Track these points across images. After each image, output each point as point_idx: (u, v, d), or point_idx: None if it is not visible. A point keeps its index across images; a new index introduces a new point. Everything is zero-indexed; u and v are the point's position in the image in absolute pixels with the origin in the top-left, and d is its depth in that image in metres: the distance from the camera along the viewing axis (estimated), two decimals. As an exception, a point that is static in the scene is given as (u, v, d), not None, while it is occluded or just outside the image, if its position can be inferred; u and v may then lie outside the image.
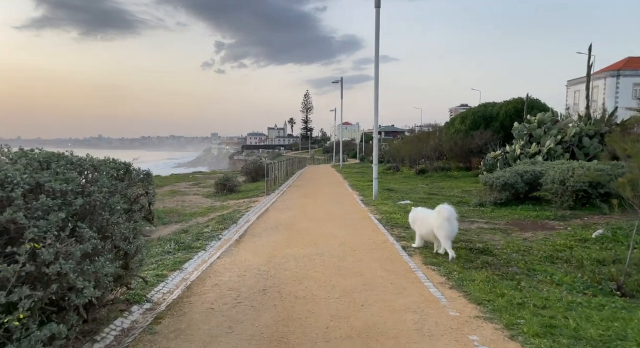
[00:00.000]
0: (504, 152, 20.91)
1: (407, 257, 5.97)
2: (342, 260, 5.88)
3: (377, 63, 12.86)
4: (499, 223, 9.79)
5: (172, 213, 12.82)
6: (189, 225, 10.33)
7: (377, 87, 13.01)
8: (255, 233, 8.09)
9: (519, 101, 30.87)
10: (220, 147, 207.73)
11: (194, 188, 21.63)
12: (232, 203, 14.79)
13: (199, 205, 14.65)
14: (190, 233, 8.38)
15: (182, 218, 11.63)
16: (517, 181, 12.13)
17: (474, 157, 27.56)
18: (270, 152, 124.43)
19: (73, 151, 3.42)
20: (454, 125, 34.05)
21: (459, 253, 6.28)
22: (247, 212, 11.35)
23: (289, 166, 30.68)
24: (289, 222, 9.37)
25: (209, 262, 5.82)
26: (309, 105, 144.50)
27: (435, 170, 26.14)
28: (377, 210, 10.83)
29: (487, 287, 4.44)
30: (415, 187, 19.75)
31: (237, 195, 17.03)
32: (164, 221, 11.24)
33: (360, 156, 64.99)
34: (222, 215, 10.93)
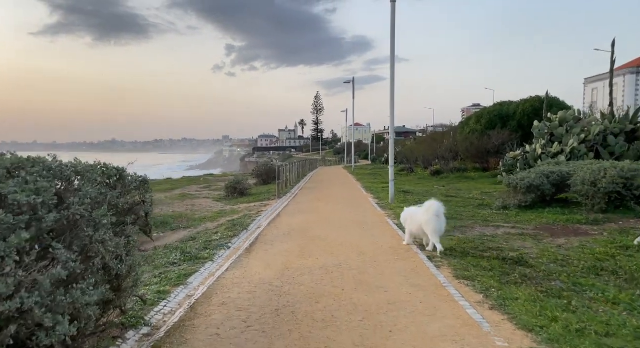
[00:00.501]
0: (524, 152, 20.12)
1: (435, 269, 5.39)
2: (362, 272, 5.33)
3: (393, 60, 12.29)
4: (527, 228, 9.13)
5: (181, 219, 12.39)
6: (198, 231, 9.87)
7: (393, 85, 12.44)
8: (267, 240, 7.58)
9: (537, 99, 29.98)
10: (232, 150, 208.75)
11: (204, 192, 21.24)
12: (242, 207, 14.32)
13: (208, 210, 14.22)
14: (198, 241, 7.91)
15: (191, 224, 11.18)
16: (543, 183, 11.44)
17: (491, 157, 26.77)
18: (281, 154, 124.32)
19: (56, 155, 2.94)
20: (468, 124, 33.25)
21: (491, 263, 5.69)
22: (258, 216, 10.85)
23: (300, 168, 30.20)
24: (302, 228, 8.84)
25: (216, 275, 5.32)
26: (319, 107, 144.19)
27: (451, 171, 25.40)
28: (395, 215, 10.24)
29: (534, 307, 3.85)
30: (431, 189, 19.08)
31: (247, 198, 16.57)
32: (172, 227, 10.81)
33: (371, 157, 64.24)
34: (232, 221, 10.45)
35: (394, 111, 12.52)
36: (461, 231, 8.60)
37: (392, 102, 12.48)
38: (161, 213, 13.38)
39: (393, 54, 12.20)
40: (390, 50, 12.18)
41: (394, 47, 12.15)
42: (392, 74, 12.38)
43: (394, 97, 12.48)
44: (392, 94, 12.45)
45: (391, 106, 12.56)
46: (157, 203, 16.17)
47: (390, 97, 12.51)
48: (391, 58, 12.30)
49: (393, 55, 12.20)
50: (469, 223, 9.55)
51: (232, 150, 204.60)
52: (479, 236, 8.05)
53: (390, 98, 12.51)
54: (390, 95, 12.51)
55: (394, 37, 12.13)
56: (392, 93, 12.47)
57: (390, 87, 12.46)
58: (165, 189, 23.09)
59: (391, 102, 12.53)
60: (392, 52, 12.19)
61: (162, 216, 12.68)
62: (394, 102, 12.50)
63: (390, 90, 12.50)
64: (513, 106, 31.40)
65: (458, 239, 7.46)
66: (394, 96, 12.47)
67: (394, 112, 12.54)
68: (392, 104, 12.50)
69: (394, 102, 12.51)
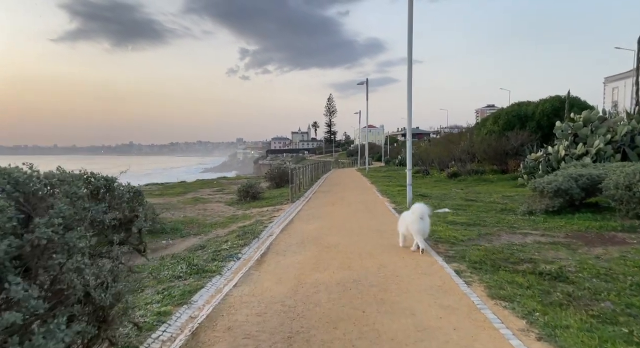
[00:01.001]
0: (546, 153, 19.31)
1: (465, 286, 4.84)
2: (384, 289, 4.81)
3: (411, 59, 11.74)
4: (558, 236, 8.49)
5: (192, 224, 12.01)
6: (208, 238, 9.45)
7: (410, 85, 11.88)
8: (279, 250, 7.10)
9: (557, 99, 29.01)
10: (246, 152, 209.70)
11: (217, 195, 20.92)
12: (255, 212, 13.90)
13: (220, 215, 13.83)
14: (207, 250, 7.47)
15: (201, 230, 10.78)
16: (571, 186, 10.74)
17: (510, 159, 25.92)
18: (294, 156, 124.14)
19: (32, 164, 2.49)
20: (485, 125, 32.40)
21: (527, 278, 5.12)
22: (271, 222, 10.39)
23: (313, 171, 29.72)
24: (316, 236, 8.35)
25: (224, 291, 4.85)
26: (332, 109, 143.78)
27: (469, 173, 24.64)
28: (415, 221, 9.67)
29: (591, 340, 3.28)
30: (449, 192, 18.41)
31: (260, 202, 16.15)
32: (183, 233, 10.41)
33: (385, 159, 63.45)
34: (243, 227, 10.02)
35: (411, 112, 11.96)
36: (487, 239, 8.00)
37: (410, 102, 11.93)
38: (172, 219, 13.03)
39: (410, 53, 11.65)
40: (407, 48, 11.64)
41: (411, 45, 11.60)
42: (409, 73, 11.83)
43: (411, 98, 11.92)
44: (410, 94, 11.89)
45: (408, 107, 12.00)
46: (168, 208, 15.86)
47: (408, 97, 11.95)
48: (408, 58, 11.76)
49: (410, 53, 11.65)
50: (494, 230, 8.94)
51: (246, 153, 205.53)
52: (507, 245, 7.45)
53: (408, 98, 11.95)
54: (407, 95, 11.95)
55: (411, 33, 11.58)
56: (409, 93, 11.92)
57: (408, 87, 11.91)
58: (178, 193, 22.85)
59: (408, 103, 11.97)
60: (409, 51, 11.65)
61: (172, 221, 12.33)
62: (412, 103, 11.93)
63: (407, 91, 11.95)
64: (532, 106, 30.51)
65: (485, 249, 6.88)
66: (411, 96, 11.91)
67: (412, 113, 11.98)
68: (410, 104, 11.94)
69: (411, 102, 11.94)
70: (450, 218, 10.27)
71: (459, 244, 7.35)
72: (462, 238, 7.90)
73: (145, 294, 4.88)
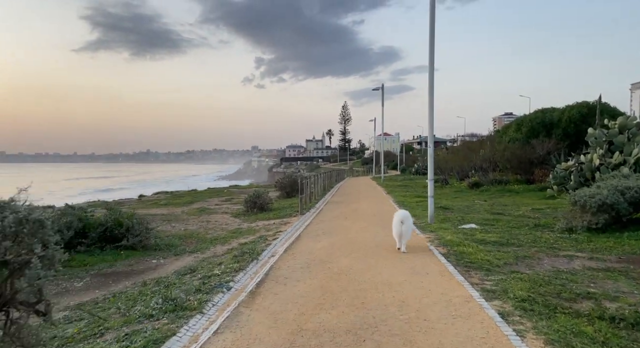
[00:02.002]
0: (578, 162, 17.84)
1: (519, 341, 3.64)
2: (409, 341, 3.65)
3: (432, 64, 10.60)
4: (609, 260, 7.19)
5: (191, 239, 11.00)
6: (204, 257, 8.40)
7: (432, 90, 10.72)
8: (279, 277, 5.99)
9: (584, 105, 27.44)
10: (260, 160, 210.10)
11: (224, 205, 19.96)
12: (260, 225, 12.84)
13: (223, 228, 12.80)
14: (196, 275, 6.40)
15: (199, 247, 9.74)
16: (618, 200, 9.41)
17: (536, 168, 24.42)
18: (309, 164, 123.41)
19: None
20: (507, 133, 30.94)
21: (596, 326, 3.91)
22: (275, 239, 9.29)
23: (326, 179, 28.61)
24: (325, 257, 7.21)
25: (200, 341, 3.76)
26: (347, 117, 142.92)
27: (491, 183, 23.20)
28: (439, 240, 8.46)
29: None
30: (471, 203, 17.08)
31: (267, 214, 15.09)
32: (177, 251, 9.39)
33: (401, 167, 61.96)
34: (243, 245, 8.95)
35: (432, 118, 10.77)
36: (527, 264, 6.76)
37: (431, 109, 10.75)
38: (171, 232, 12.06)
39: (432, 58, 10.51)
40: (428, 54, 10.51)
41: (432, 51, 10.46)
42: (430, 80, 10.68)
43: (433, 104, 10.75)
44: (431, 99, 10.73)
45: (430, 113, 10.83)
46: (170, 219, 14.93)
47: (429, 103, 10.79)
48: (430, 64, 10.62)
49: (432, 59, 10.51)
50: (532, 252, 7.68)
51: (261, 161, 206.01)
52: (553, 273, 6.20)
53: (429, 104, 10.79)
54: (428, 101, 10.80)
55: (433, 39, 10.46)
56: (430, 99, 10.76)
57: (429, 93, 10.76)
58: (185, 202, 21.99)
59: (430, 110, 10.80)
60: (430, 57, 10.51)
61: (170, 236, 11.35)
62: (433, 109, 10.76)
63: (428, 97, 10.80)
64: (557, 113, 28.98)
65: (529, 279, 5.64)
66: (433, 102, 10.73)
67: (433, 119, 10.80)
68: (431, 110, 10.77)
69: (433, 109, 10.77)
70: (479, 236, 9.03)
71: (496, 271, 6.13)
72: (498, 262, 6.68)
73: (104, 341, 3.82)
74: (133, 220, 9.22)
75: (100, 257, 8.36)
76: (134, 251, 9.02)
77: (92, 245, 8.74)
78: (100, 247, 8.88)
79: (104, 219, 9.01)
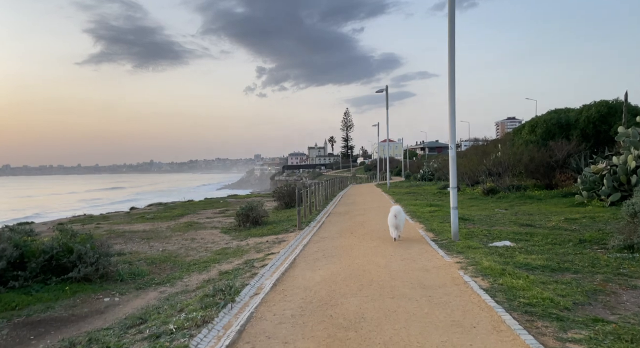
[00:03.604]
0: (610, 165, 15.94)
1: None
2: None
3: (453, 55, 8.81)
4: None
5: (165, 264, 9.15)
6: (170, 294, 6.55)
7: (453, 83, 8.88)
8: (258, 336, 4.13)
9: (604, 104, 25.55)
10: (263, 168, 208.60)
11: (215, 219, 18.12)
12: (251, 243, 10.99)
13: (208, 248, 10.95)
14: (145, 330, 4.55)
15: (171, 276, 7.90)
16: (690, 210, 7.54)
17: (555, 172, 22.51)
18: (311, 172, 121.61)
19: None
20: (520, 135, 29.09)
21: None
22: (264, 267, 7.41)
23: (328, 188, 26.75)
24: (325, 297, 5.35)
25: None
26: (349, 123, 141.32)
27: (508, 189, 21.28)
28: (474, 266, 6.55)
29: None
30: (491, 213, 15.17)
31: (261, 229, 13.24)
32: (143, 282, 7.54)
33: (405, 174, 59.99)
34: (224, 275, 7.10)
35: (454, 115, 8.93)
36: (604, 303, 4.88)
37: (452, 101, 8.92)
38: (145, 255, 10.22)
39: (453, 43, 8.72)
40: (448, 46, 8.74)
41: (453, 31, 8.68)
42: (451, 72, 8.89)
43: (454, 100, 8.91)
44: (452, 92, 8.89)
45: (451, 109, 9.00)
46: (151, 238, 13.11)
47: (450, 99, 8.97)
48: (450, 54, 8.84)
49: (453, 43, 8.72)
50: (599, 282, 5.79)
51: (264, 169, 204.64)
52: (650, 319, 4.33)
53: (450, 100, 8.97)
54: (449, 97, 8.98)
55: (454, 20, 8.68)
56: (451, 92, 8.93)
57: (450, 87, 8.96)
58: (174, 215, 20.16)
59: (450, 104, 8.98)
60: (450, 48, 8.72)
61: (142, 259, 9.51)
62: (455, 103, 8.93)
63: (449, 92, 8.99)
64: (574, 113, 27.16)
65: (627, 333, 3.76)
66: (454, 98, 8.90)
67: (455, 114, 8.95)
68: (453, 104, 8.93)
69: (455, 105, 8.93)
70: (520, 258, 7.13)
71: (571, 320, 4.24)
72: (565, 303, 4.78)
73: None
74: (87, 244, 7.39)
75: (38, 295, 6.52)
76: (86, 284, 7.18)
77: (33, 279, 6.91)
78: (44, 280, 7.05)
79: (49, 245, 7.18)
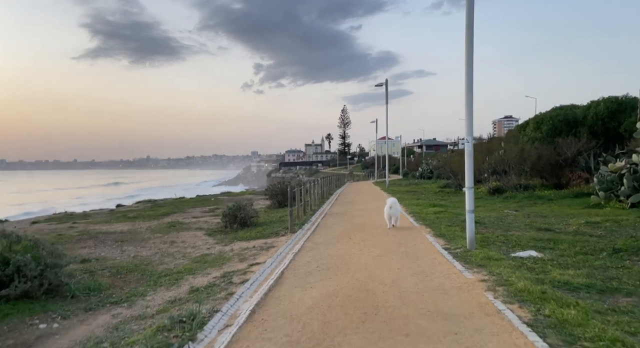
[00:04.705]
0: (630, 163, 14.72)
1: None
2: None
3: (472, 34, 7.50)
4: None
5: (133, 273, 7.83)
6: (122, 319, 5.24)
7: (471, 64, 7.59)
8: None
9: (613, 101, 24.34)
10: (260, 165, 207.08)
11: (202, 219, 16.78)
12: (236, 248, 9.68)
13: (186, 254, 9.63)
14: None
15: (133, 292, 6.58)
16: None
17: (564, 171, 21.31)
18: (308, 169, 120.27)
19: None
20: (525, 132, 27.91)
21: None
22: (243, 285, 6.09)
23: (325, 185, 25.44)
24: (318, 331, 4.05)
25: None
26: (346, 120, 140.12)
27: (515, 188, 20.05)
28: (504, 287, 5.23)
29: None
30: (501, 214, 13.91)
31: (249, 232, 11.93)
32: (96, 301, 6.21)
33: (403, 171, 58.75)
34: (192, 296, 5.78)
35: (472, 102, 7.63)
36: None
37: (470, 91, 7.61)
38: (113, 262, 8.89)
39: (471, 29, 7.40)
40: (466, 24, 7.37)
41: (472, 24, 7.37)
42: (469, 54, 7.57)
43: (472, 88, 7.60)
44: (470, 77, 7.59)
45: (467, 97, 7.70)
46: (126, 240, 11.76)
47: (467, 86, 7.66)
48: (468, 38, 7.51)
49: (471, 29, 7.40)
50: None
51: (260, 166, 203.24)
52: None
53: (467, 88, 7.66)
54: (466, 84, 7.67)
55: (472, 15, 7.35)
56: (469, 77, 7.63)
57: (467, 72, 7.64)
58: (160, 214, 18.79)
59: (467, 93, 7.67)
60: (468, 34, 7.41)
61: (107, 268, 8.19)
62: (472, 94, 7.61)
63: (465, 80, 7.68)
64: (581, 109, 26.01)
65: None
66: (472, 84, 7.60)
67: (472, 107, 7.65)
68: (470, 93, 7.63)
69: (472, 93, 7.62)
70: (556, 274, 5.85)
71: None
72: (641, 348, 3.51)
73: None
74: (28, 254, 6.06)
75: (-44, 319, 5.19)
76: (27, 302, 5.86)
77: (-43, 297, 5.58)
78: (-27, 298, 5.72)
79: (-21, 255, 5.84)
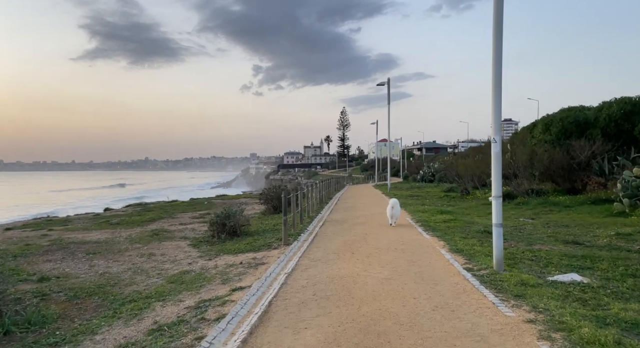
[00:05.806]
0: (658, 167, 13.48)
1: None
2: None
3: (501, 31, 6.23)
4: None
5: (93, 298, 6.52)
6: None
7: (501, 55, 6.33)
8: None
9: (626, 101, 23.09)
10: (258, 167, 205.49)
11: (190, 226, 15.45)
12: (221, 264, 8.38)
13: (162, 271, 8.31)
14: None
15: (83, 327, 5.27)
16: None
17: (577, 175, 20.08)
18: (307, 171, 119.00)
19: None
20: (533, 134, 26.68)
21: None
22: (218, 323, 4.79)
23: (324, 189, 24.13)
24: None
25: None
26: (345, 122, 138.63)
27: (527, 193, 18.80)
28: (562, 333, 3.94)
29: None
30: (518, 223, 12.64)
31: (238, 242, 10.62)
32: (34, 339, 4.91)
33: (403, 174, 57.44)
34: (149, 338, 4.49)
35: (500, 97, 6.37)
36: None
37: (499, 83, 6.34)
38: (76, 280, 7.57)
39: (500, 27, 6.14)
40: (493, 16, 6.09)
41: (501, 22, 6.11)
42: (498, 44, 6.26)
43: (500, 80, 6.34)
44: (499, 66, 6.32)
45: (495, 91, 6.43)
46: (100, 252, 10.39)
47: (495, 77, 6.39)
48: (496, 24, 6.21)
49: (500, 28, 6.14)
50: None
51: (259, 168, 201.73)
52: None
53: (495, 80, 6.38)
54: (493, 76, 6.39)
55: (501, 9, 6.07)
56: (497, 67, 6.35)
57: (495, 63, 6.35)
58: (144, 221, 17.43)
59: (495, 85, 6.41)
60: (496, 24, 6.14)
61: (66, 290, 6.88)
62: (501, 91, 6.37)
63: (493, 70, 6.41)
64: (592, 111, 24.78)
65: None
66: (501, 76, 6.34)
67: (501, 104, 6.40)
68: (499, 85, 6.36)
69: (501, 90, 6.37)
70: (617, 309, 4.58)
71: None
72: None
73: None
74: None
75: None
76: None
77: None
78: None
79: None
